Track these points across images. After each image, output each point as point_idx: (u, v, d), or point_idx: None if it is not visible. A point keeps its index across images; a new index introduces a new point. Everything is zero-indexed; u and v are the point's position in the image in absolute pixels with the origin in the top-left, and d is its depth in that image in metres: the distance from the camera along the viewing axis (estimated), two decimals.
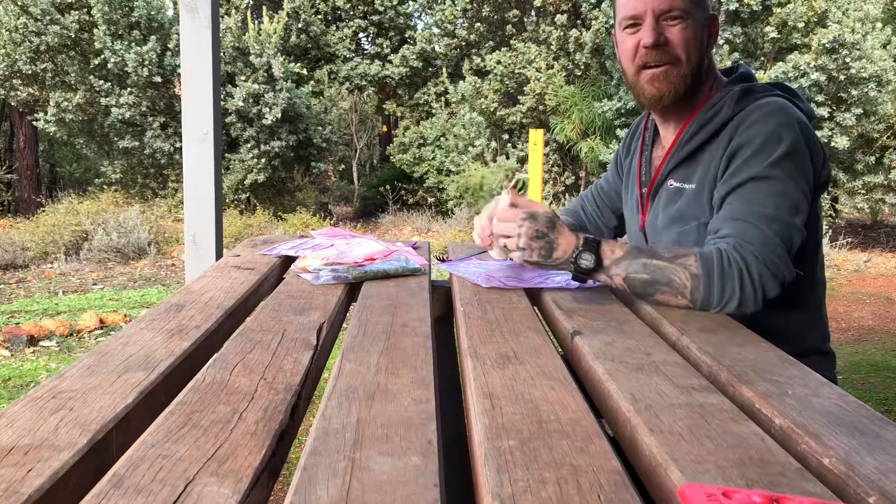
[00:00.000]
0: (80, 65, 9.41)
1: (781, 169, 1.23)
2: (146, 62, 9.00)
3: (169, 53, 9.17)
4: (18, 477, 0.59)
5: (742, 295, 1.16)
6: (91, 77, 9.29)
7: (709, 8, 1.36)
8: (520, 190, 1.42)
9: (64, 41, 9.30)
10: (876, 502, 0.61)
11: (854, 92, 7.47)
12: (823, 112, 7.40)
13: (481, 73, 10.23)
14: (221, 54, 8.55)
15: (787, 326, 1.32)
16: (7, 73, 9.54)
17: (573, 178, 9.45)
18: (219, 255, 2.36)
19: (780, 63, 7.60)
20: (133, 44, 9.10)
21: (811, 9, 7.73)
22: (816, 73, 7.29)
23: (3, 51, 9.39)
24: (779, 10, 7.80)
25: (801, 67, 7.34)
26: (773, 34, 7.78)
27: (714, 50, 1.41)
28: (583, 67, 8.95)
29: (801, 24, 7.79)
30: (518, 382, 0.84)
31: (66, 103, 9.41)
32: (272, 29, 9.72)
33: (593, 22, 8.61)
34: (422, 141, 11.00)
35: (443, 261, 1.61)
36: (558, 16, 8.94)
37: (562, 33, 8.95)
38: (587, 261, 1.22)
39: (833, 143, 7.43)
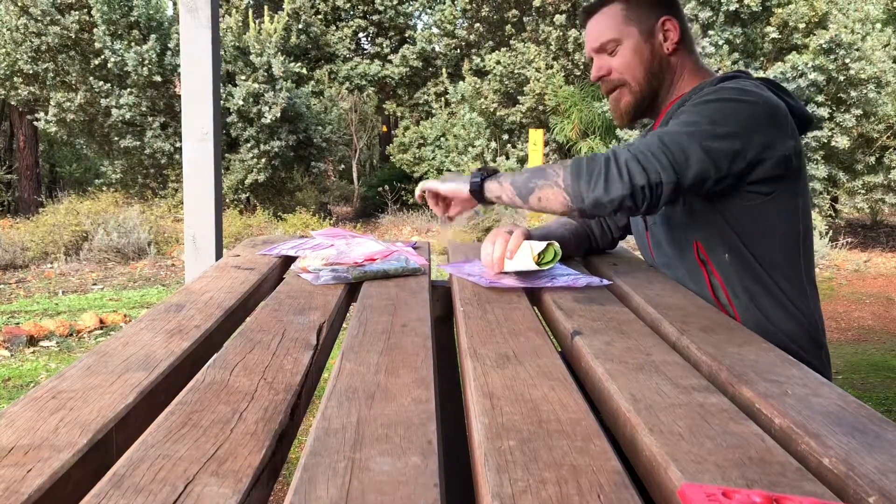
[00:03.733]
0: (80, 65, 9.41)
1: (710, 109, 1.27)
2: (146, 62, 9.01)
3: (169, 53, 9.17)
4: (18, 477, 0.59)
5: (608, 176, 1.22)
6: (91, 77, 9.29)
7: (651, 16, 1.43)
8: (546, 262, 1.35)
9: (64, 41, 9.30)
10: (876, 502, 0.61)
11: (853, 93, 7.47)
12: (823, 112, 7.40)
13: (481, 73, 10.23)
14: (221, 54, 8.56)
15: (780, 315, 1.33)
16: (8, 72, 9.54)
17: None
18: (219, 255, 2.35)
19: (779, 63, 7.60)
20: (133, 43, 9.11)
21: (812, 9, 7.73)
22: (814, 73, 7.29)
23: (4, 50, 9.39)
24: (779, 10, 7.80)
25: (799, 67, 7.34)
26: (774, 34, 7.78)
27: (686, 44, 1.45)
28: (582, 67, 8.96)
29: (801, 25, 7.79)
30: (518, 382, 0.84)
31: (67, 103, 9.41)
32: (272, 29, 9.72)
33: None
34: (422, 141, 11.00)
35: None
36: (557, 16, 8.94)
37: (561, 33, 8.96)
38: (482, 170, 1.39)
39: (833, 144, 7.42)
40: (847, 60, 7.28)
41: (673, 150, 1.23)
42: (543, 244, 1.35)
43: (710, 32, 7.77)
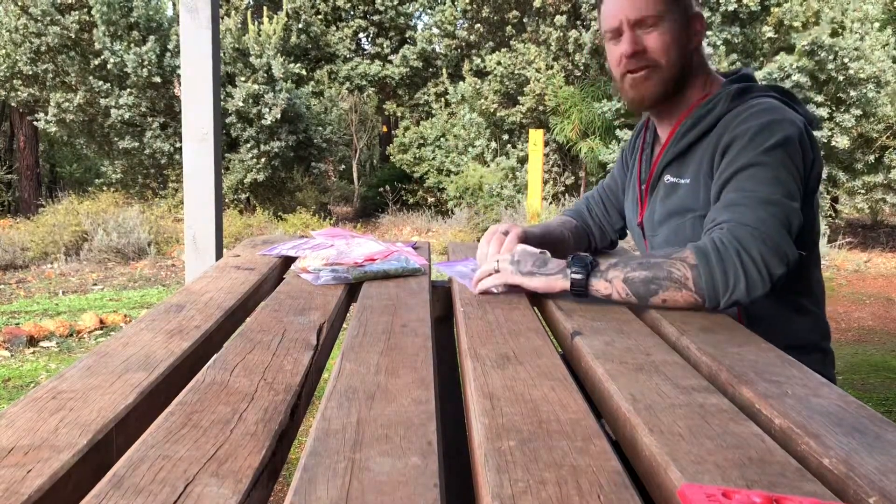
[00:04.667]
0: (80, 65, 9.41)
1: (773, 156, 1.23)
2: (145, 63, 9.01)
3: (168, 54, 9.18)
4: (18, 477, 0.59)
5: (747, 276, 1.12)
6: (91, 77, 9.29)
7: (689, 7, 1.36)
8: None
9: (64, 41, 9.30)
10: (876, 503, 0.61)
11: (853, 93, 7.47)
12: (823, 112, 7.40)
13: (481, 73, 10.23)
14: (221, 55, 8.55)
15: (786, 325, 1.32)
16: (7, 73, 9.54)
17: (573, 178, 9.45)
18: (219, 255, 2.36)
19: (769, 63, 7.60)
20: (132, 44, 9.10)
21: (808, 8, 7.73)
22: (797, 74, 7.28)
23: (4, 51, 9.39)
24: (777, 9, 7.80)
25: (786, 69, 7.34)
26: (770, 34, 7.78)
27: (702, 47, 1.41)
28: (582, 68, 8.96)
29: (797, 24, 7.79)
30: (518, 383, 0.84)
31: (66, 103, 9.41)
32: (272, 29, 9.73)
33: (593, 22, 8.61)
34: (422, 141, 11.00)
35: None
36: (558, 17, 8.94)
37: (561, 34, 8.95)
38: (582, 261, 1.21)
39: (833, 143, 7.42)
40: (846, 60, 7.28)
41: (786, 226, 1.17)
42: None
43: (709, 33, 7.78)
